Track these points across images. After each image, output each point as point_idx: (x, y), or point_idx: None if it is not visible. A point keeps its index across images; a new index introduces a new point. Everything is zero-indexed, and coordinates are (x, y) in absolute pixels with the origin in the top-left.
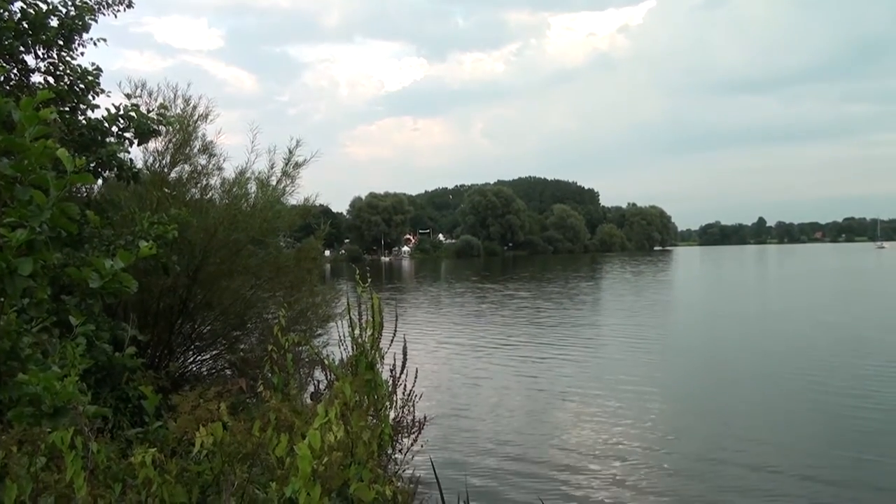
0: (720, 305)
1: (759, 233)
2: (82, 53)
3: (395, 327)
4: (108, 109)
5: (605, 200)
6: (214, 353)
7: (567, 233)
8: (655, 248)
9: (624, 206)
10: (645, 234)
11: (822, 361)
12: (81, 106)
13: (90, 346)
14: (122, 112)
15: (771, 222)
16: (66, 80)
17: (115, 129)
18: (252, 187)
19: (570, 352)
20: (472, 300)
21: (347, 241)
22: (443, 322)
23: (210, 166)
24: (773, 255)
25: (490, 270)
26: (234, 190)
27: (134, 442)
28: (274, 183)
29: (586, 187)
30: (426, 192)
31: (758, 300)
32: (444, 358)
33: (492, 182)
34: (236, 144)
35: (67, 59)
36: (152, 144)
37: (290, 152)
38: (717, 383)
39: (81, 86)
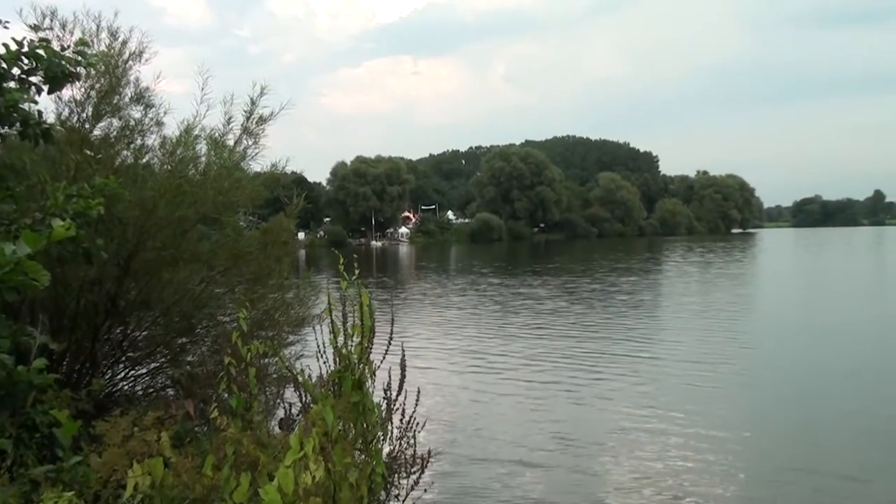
0: (820, 314)
1: (874, 210)
2: None
3: (391, 334)
4: (6, 45)
5: (667, 167)
6: (153, 366)
7: (616, 210)
8: (733, 230)
9: (692, 174)
10: (720, 212)
11: None
12: None
13: None
14: (26, 49)
15: (892, 197)
16: None
17: (16, 71)
18: (202, 148)
19: (611, 371)
20: (489, 299)
21: (328, 220)
22: (451, 328)
23: (147, 121)
24: None
25: (514, 260)
26: (179, 152)
27: (43, 483)
28: (231, 143)
29: (642, 150)
30: (431, 155)
31: (876, 307)
32: (453, 375)
33: (518, 143)
34: (181, 93)
35: None
36: (68, 92)
37: (253, 102)
38: (811, 431)
39: None
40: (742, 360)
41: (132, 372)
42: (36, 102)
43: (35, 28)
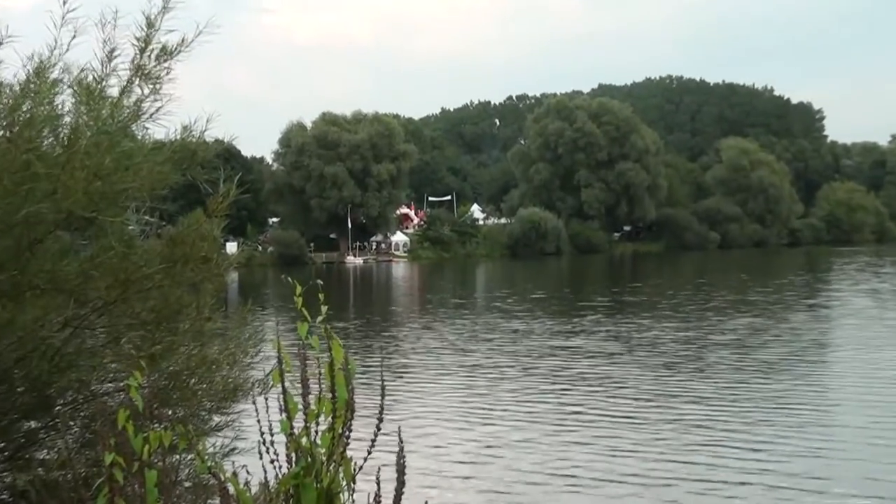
0: None
1: None
2: None
3: (381, 412)
4: None
5: (838, 130)
6: None
7: (752, 202)
8: None
9: (882, 142)
10: None
11: None
12: None
13: None
14: None
15: None
16: None
17: None
18: (66, 103)
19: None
20: (537, 356)
21: (275, 221)
22: (475, 404)
23: None
24: None
25: (578, 287)
26: (26, 108)
27: None
28: (116, 93)
29: (794, 101)
30: (444, 111)
31: None
32: (479, 487)
33: (585, 90)
34: (29, 8)
35: None
36: None
37: (151, 24)
38: None
39: None
40: None
41: None
42: None
43: None
